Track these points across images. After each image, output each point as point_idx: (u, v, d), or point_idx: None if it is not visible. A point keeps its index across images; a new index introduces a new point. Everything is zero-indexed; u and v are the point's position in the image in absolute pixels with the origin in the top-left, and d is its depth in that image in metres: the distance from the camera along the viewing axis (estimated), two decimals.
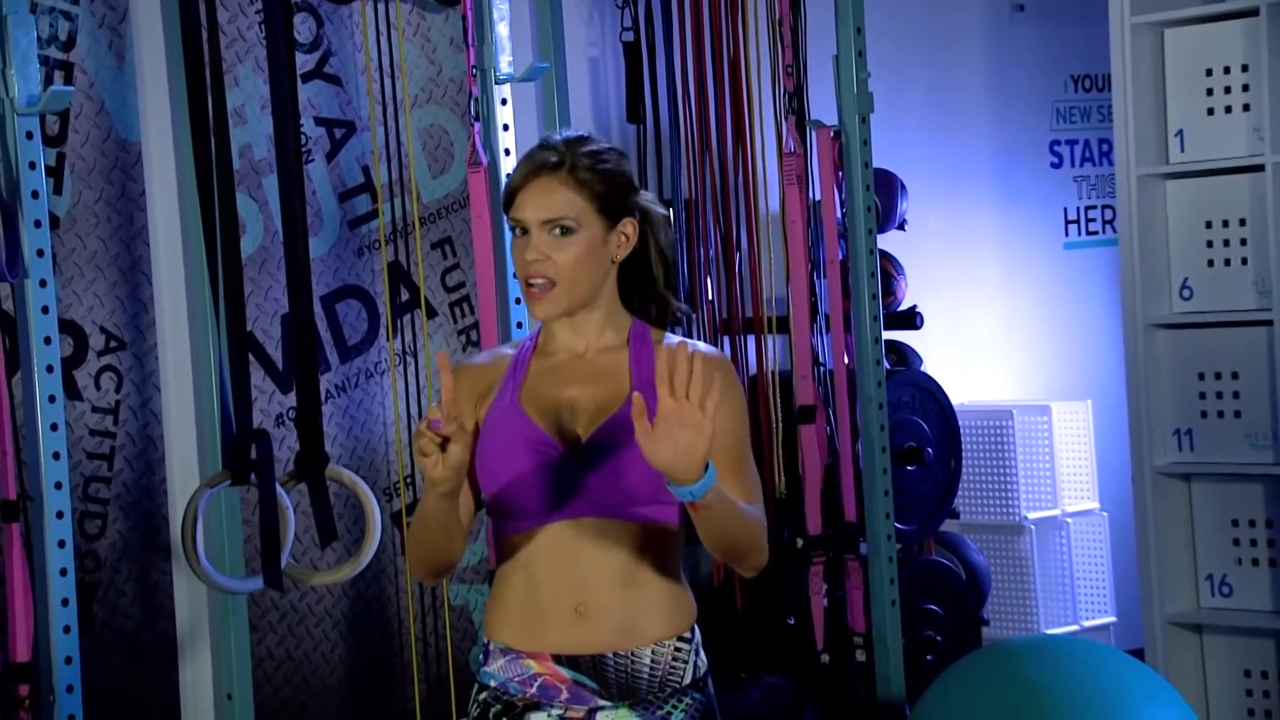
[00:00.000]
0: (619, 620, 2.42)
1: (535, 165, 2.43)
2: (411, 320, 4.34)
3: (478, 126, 3.97)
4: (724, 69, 4.62)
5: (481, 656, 2.49)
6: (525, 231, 2.42)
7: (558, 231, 2.41)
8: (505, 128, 4.04)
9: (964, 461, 4.99)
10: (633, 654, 2.43)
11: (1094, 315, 5.73)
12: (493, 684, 2.47)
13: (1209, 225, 4.58)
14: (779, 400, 4.61)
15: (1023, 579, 5.27)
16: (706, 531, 2.36)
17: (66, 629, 3.36)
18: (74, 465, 3.83)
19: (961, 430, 4.89)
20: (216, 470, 3.73)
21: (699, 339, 4.56)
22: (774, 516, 4.62)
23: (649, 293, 2.52)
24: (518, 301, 4.05)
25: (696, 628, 2.49)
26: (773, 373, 4.67)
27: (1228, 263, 4.54)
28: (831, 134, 4.40)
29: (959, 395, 5.23)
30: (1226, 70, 4.52)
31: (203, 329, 3.83)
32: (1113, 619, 5.36)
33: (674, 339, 2.51)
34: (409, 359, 4.31)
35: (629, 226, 2.46)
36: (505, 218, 2.48)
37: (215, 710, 3.96)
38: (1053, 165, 5.79)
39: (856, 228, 4.40)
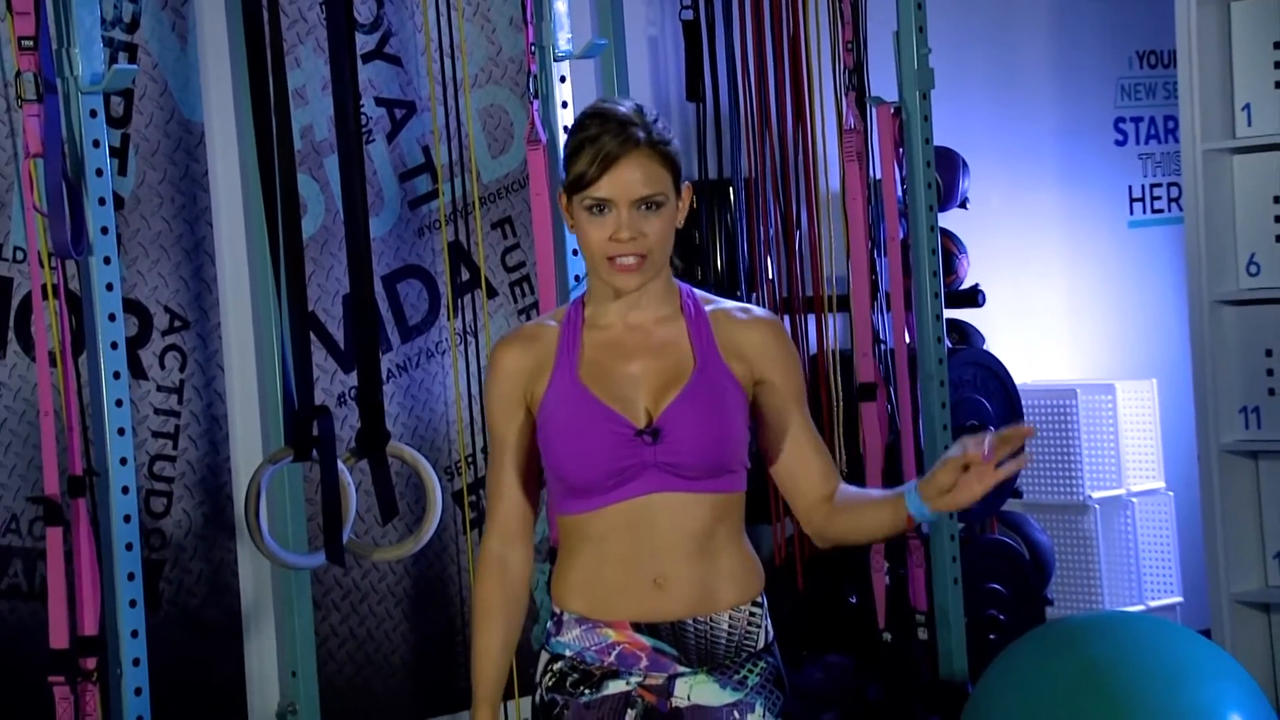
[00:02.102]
0: (696, 589, 2.44)
1: (621, 142, 2.38)
2: (472, 300, 4.35)
3: (536, 104, 3.97)
4: (784, 46, 4.61)
5: (553, 626, 2.49)
6: (602, 209, 2.39)
7: (647, 207, 2.40)
8: (564, 105, 4.04)
9: (1028, 441, 4.94)
10: (711, 619, 2.45)
11: (1159, 294, 5.67)
12: (568, 653, 2.47)
13: (1276, 200, 4.53)
14: (840, 379, 4.59)
15: (1087, 559, 5.23)
16: (880, 532, 2.49)
17: (132, 603, 3.40)
18: (139, 444, 3.86)
19: (1025, 409, 4.86)
20: (280, 448, 3.76)
21: None
22: None
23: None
24: (577, 279, 4.05)
25: (765, 594, 2.50)
26: (833, 351, 4.66)
27: None
28: (892, 110, 4.38)
29: (1022, 375, 5.20)
30: None
31: (265, 308, 3.86)
32: (1179, 599, 5.32)
33: (724, 303, 2.51)
34: (469, 339, 4.32)
35: (687, 193, 2.47)
36: (572, 197, 2.42)
37: (280, 687, 4.00)
38: (1117, 143, 5.74)
39: (917, 205, 4.38)
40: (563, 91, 4.05)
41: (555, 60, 4.02)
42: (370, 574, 4.21)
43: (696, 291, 2.52)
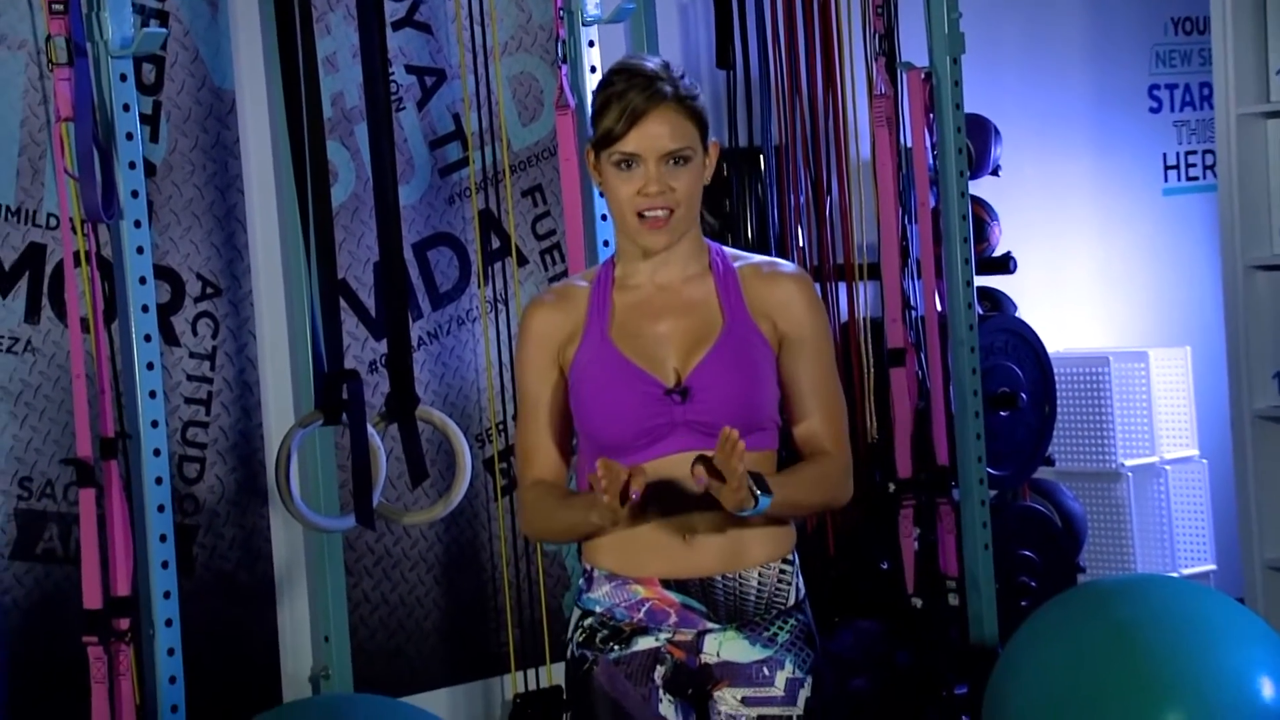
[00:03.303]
0: (726, 545, 2.45)
1: (648, 96, 2.40)
2: (503, 268, 4.36)
3: (565, 69, 3.98)
4: (814, 12, 4.60)
5: (584, 583, 2.51)
6: (630, 164, 2.41)
7: (675, 162, 2.41)
8: (593, 70, 4.04)
9: (1060, 408, 4.94)
10: (740, 576, 2.46)
11: (1194, 261, 5.64)
12: (598, 609, 2.49)
13: None
14: (870, 346, 4.59)
15: (1120, 526, 5.22)
16: (788, 515, 2.46)
17: (165, 564, 3.43)
18: (172, 410, 3.89)
19: (1058, 377, 4.85)
20: (310, 411, 3.78)
21: None
22: (866, 460, 4.61)
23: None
24: (605, 244, 4.06)
25: (796, 551, 2.51)
26: (864, 319, 4.66)
27: None
28: (922, 76, 4.36)
29: (1055, 342, 5.18)
30: None
31: (297, 275, 3.88)
32: (1213, 567, 5.30)
33: (753, 258, 2.52)
34: (500, 306, 4.33)
35: (714, 149, 2.48)
36: (599, 153, 2.42)
37: (313, 651, 4.03)
38: (1152, 110, 5.71)
39: (948, 170, 4.37)
40: (591, 56, 4.05)
41: (584, 25, 4.02)
42: (402, 540, 4.23)
43: (725, 249, 2.53)
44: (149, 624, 3.44)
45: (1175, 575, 5.19)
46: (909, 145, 4.42)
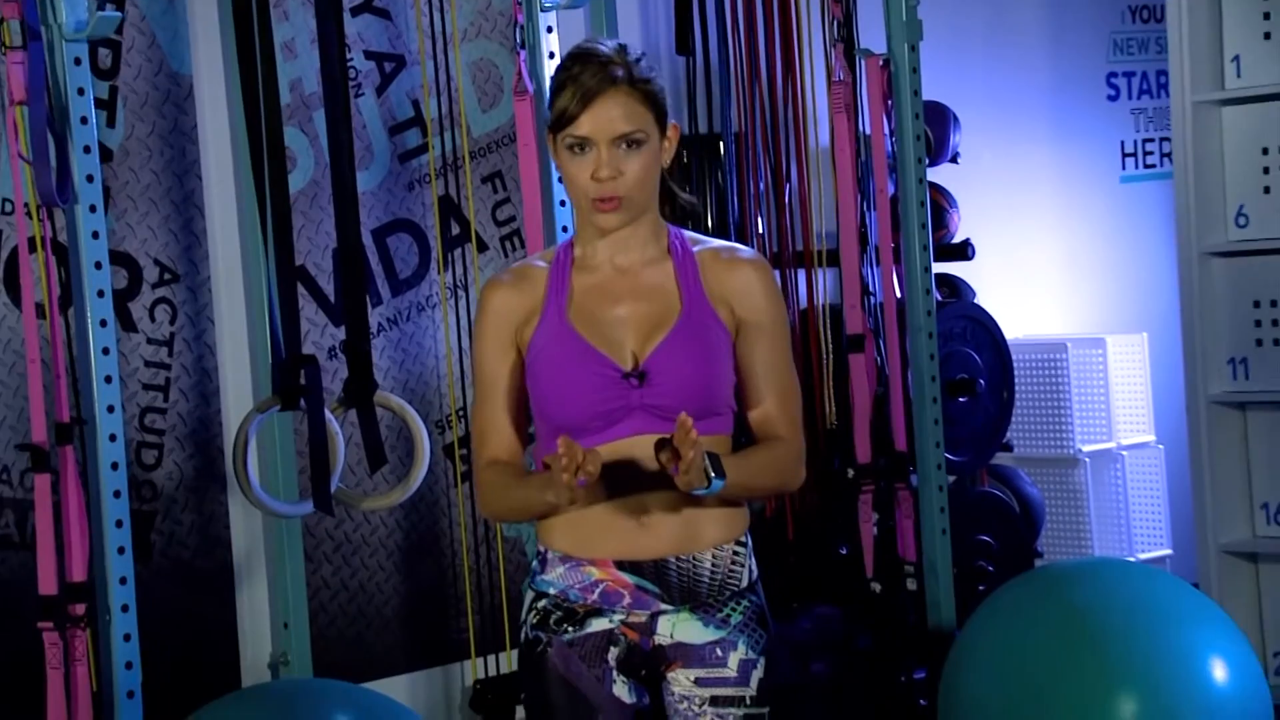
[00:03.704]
0: (680, 528, 2.46)
1: (600, 80, 2.41)
2: (463, 254, 4.36)
3: (523, 55, 3.98)
4: None
5: (538, 564, 2.51)
6: (583, 148, 2.42)
7: (628, 145, 2.41)
8: (551, 55, 4.04)
9: (1018, 395, 4.97)
10: (694, 558, 2.47)
11: (1151, 248, 5.68)
12: (552, 591, 2.49)
13: (1265, 151, 4.53)
14: (829, 333, 4.61)
15: (1077, 512, 5.25)
16: (739, 498, 2.46)
17: (121, 550, 3.42)
18: (129, 396, 3.88)
19: (1016, 364, 4.88)
20: (267, 397, 3.78)
21: None
22: (825, 446, 4.63)
23: (663, 190, 2.53)
24: (565, 230, 4.06)
25: (749, 533, 2.52)
26: (823, 306, 4.67)
27: None
28: (880, 63, 4.38)
29: (1014, 329, 5.21)
30: None
31: (255, 261, 3.88)
32: (1169, 551, 5.34)
33: (713, 242, 2.52)
34: (460, 292, 4.33)
35: (673, 131, 2.49)
36: (556, 136, 2.43)
37: (272, 638, 4.02)
38: (1109, 98, 5.74)
39: (906, 157, 4.38)
40: (550, 42, 4.05)
41: (542, 10, 4.02)
42: (362, 526, 4.23)
43: (685, 232, 2.53)
44: (105, 610, 3.43)
45: (1132, 560, 5.23)
46: (868, 132, 4.44)
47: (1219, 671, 3.52)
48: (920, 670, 4.32)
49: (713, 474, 2.35)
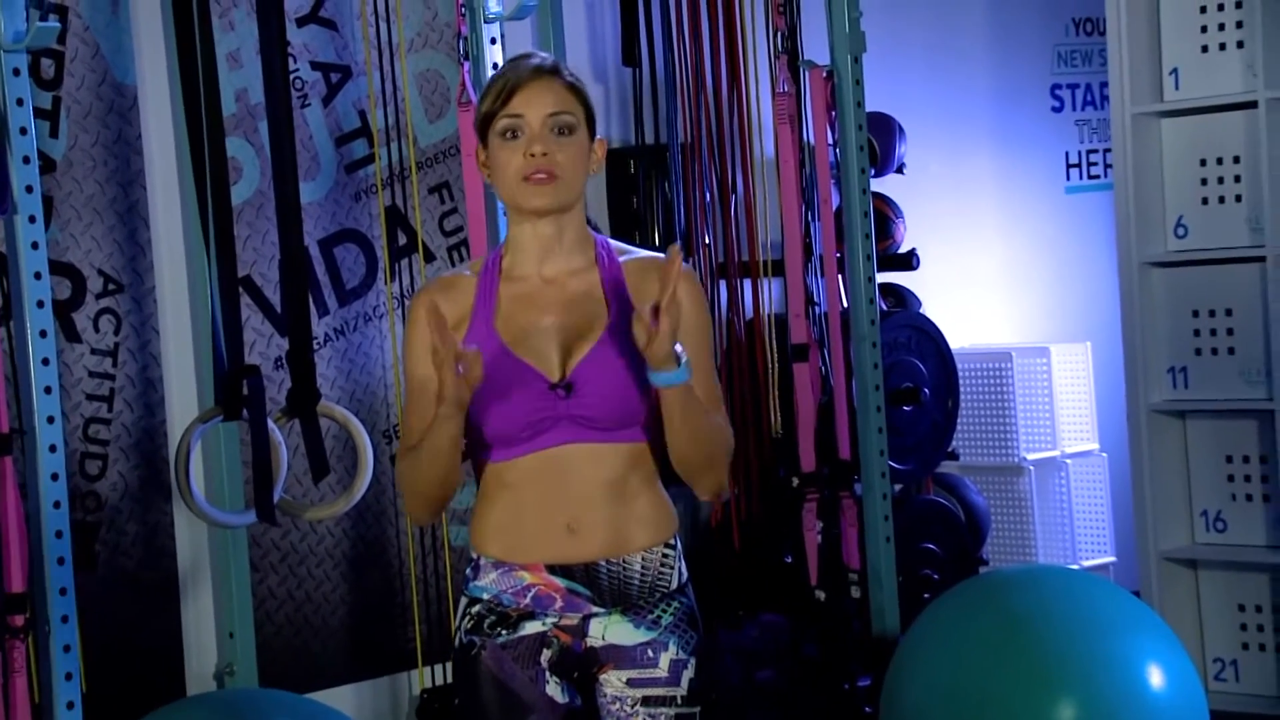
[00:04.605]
0: (609, 533, 2.48)
1: (533, 68, 2.46)
2: (410, 264, 4.37)
3: (467, 66, 3.99)
4: (718, 10, 4.64)
5: (471, 571, 2.53)
6: (515, 133, 2.44)
7: (559, 131, 2.44)
8: (495, 67, 4.06)
9: (963, 404, 5.01)
10: (624, 561, 2.49)
11: (1095, 258, 5.73)
12: (485, 596, 2.51)
13: (1203, 163, 4.58)
14: (775, 343, 4.63)
15: (1022, 519, 5.29)
16: (681, 429, 2.44)
17: (60, 560, 3.42)
18: (73, 407, 3.88)
19: (961, 373, 4.91)
20: (210, 407, 3.78)
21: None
22: (770, 455, 4.65)
23: None
24: None
25: (678, 537, 2.54)
26: (769, 315, 4.70)
27: (1222, 200, 4.54)
28: (824, 74, 4.41)
29: (959, 338, 5.25)
30: (1220, 7, 4.52)
31: (200, 271, 3.88)
32: (1113, 559, 5.39)
33: (638, 252, 2.55)
34: (407, 303, 4.34)
35: (600, 148, 2.52)
36: (487, 132, 2.45)
37: (218, 648, 4.02)
38: (1054, 109, 5.79)
39: (849, 167, 4.42)
40: (494, 54, 4.07)
41: (486, 22, 4.03)
42: (309, 536, 4.23)
43: (611, 241, 2.56)
44: (45, 621, 3.43)
45: (1074, 567, 5.27)
46: (813, 143, 4.47)
47: (1155, 678, 3.56)
48: (865, 678, 4.35)
49: (683, 357, 2.37)
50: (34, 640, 3.42)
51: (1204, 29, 4.55)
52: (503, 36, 4.10)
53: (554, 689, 2.49)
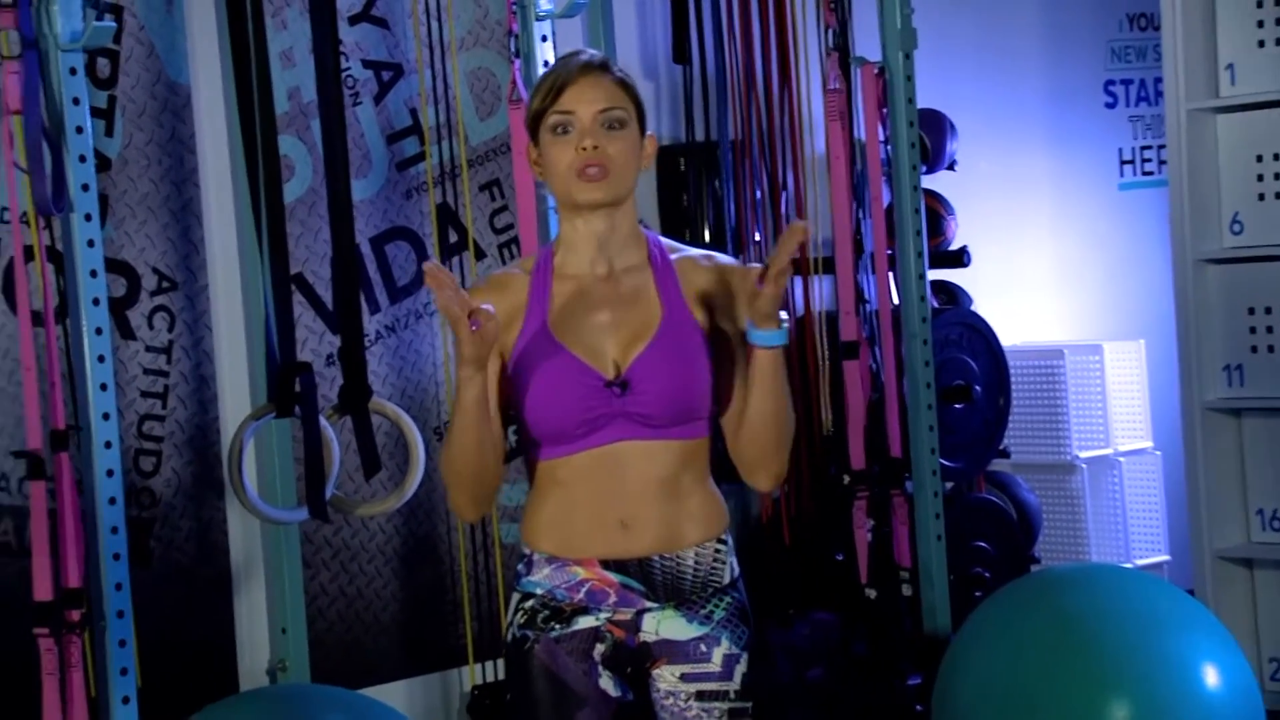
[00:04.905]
0: (662, 529, 2.49)
1: (582, 64, 2.47)
2: (461, 262, 4.38)
3: (518, 63, 4.00)
4: (768, 7, 4.63)
5: (523, 566, 2.54)
6: (566, 129, 2.44)
7: (610, 125, 2.45)
8: (546, 65, 4.07)
9: (1016, 401, 4.98)
10: (677, 556, 2.50)
11: (1149, 255, 5.69)
12: (539, 591, 2.52)
13: (1259, 159, 4.54)
14: (826, 340, 4.62)
15: (1075, 518, 5.26)
16: (767, 396, 2.44)
17: (116, 556, 3.44)
18: (128, 403, 3.91)
19: (1013, 370, 4.89)
20: (262, 404, 3.80)
21: None
22: (820, 453, 4.64)
23: None
24: None
25: (730, 532, 2.55)
26: (819, 313, 4.69)
27: (1278, 196, 4.50)
28: (875, 70, 4.40)
29: (1011, 336, 5.22)
30: (1277, 2, 4.48)
31: (253, 268, 3.90)
32: (1166, 558, 5.35)
33: (690, 250, 2.55)
34: None
35: (650, 145, 2.52)
36: (538, 129, 2.46)
37: (270, 644, 4.04)
38: (1107, 105, 5.75)
39: (900, 164, 4.40)
40: (545, 51, 4.07)
41: (537, 19, 4.04)
42: (360, 533, 4.25)
43: (663, 239, 2.56)
44: (101, 616, 3.45)
45: (1129, 566, 5.23)
46: (864, 140, 4.46)
47: (1211, 677, 3.53)
48: (916, 676, 4.34)
49: (785, 324, 2.39)
50: (90, 635, 3.45)
51: (1260, 24, 4.51)
52: (554, 34, 4.11)
53: (607, 683, 2.50)
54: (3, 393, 3.76)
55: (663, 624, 2.51)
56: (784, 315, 2.41)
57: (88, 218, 3.42)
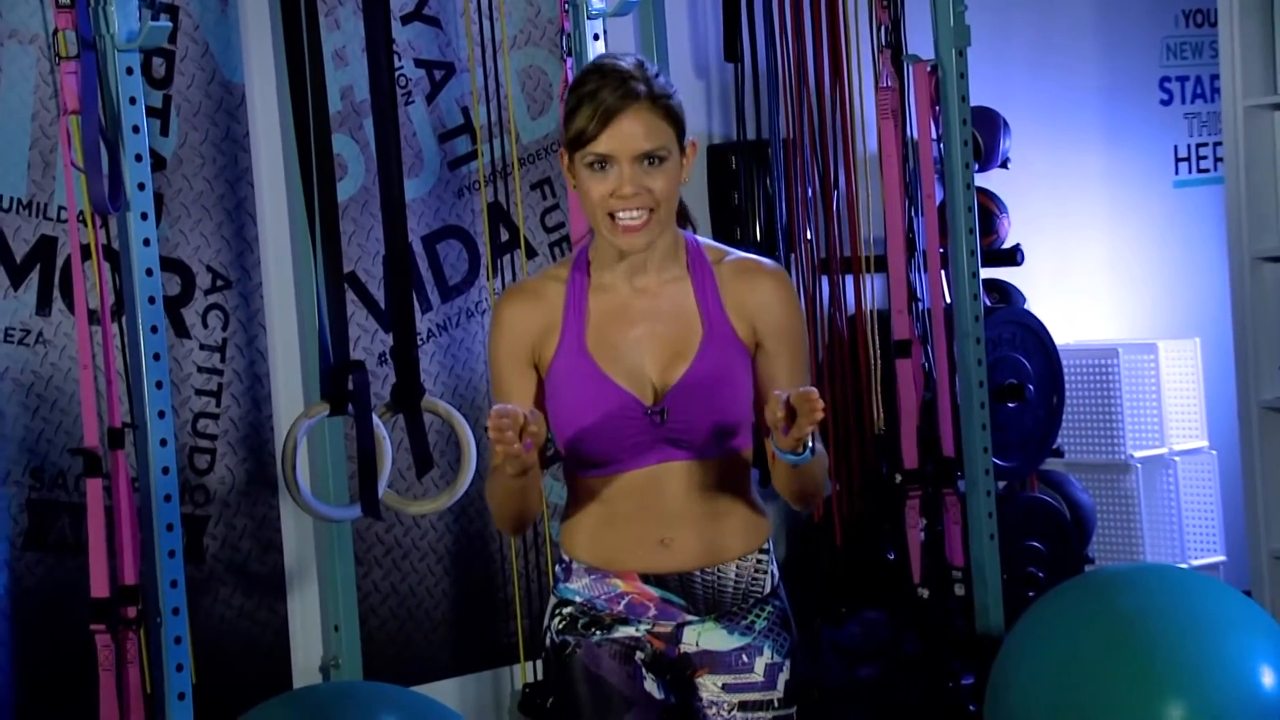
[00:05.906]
0: (703, 546, 2.47)
1: (620, 96, 2.35)
2: (512, 260, 4.39)
3: (570, 63, 4.01)
4: (820, 4, 4.61)
5: (561, 572, 2.51)
6: (603, 165, 2.36)
7: (650, 162, 2.37)
8: None
9: (1069, 400, 4.95)
10: (719, 570, 2.48)
11: (1205, 253, 5.64)
12: (578, 599, 2.50)
13: None
14: (878, 339, 4.61)
15: (1129, 517, 5.22)
16: (789, 487, 2.42)
17: (172, 553, 3.47)
18: (182, 401, 3.93)
19: (1067, 369, 4.86)
20: (316, 402, 3.82)
21: (796, 279, 4.57)
22: (872, 451, 4.62)
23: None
24: None
25: (770, 540, 2.53)
26: (871, 311, 4.67)
27: None
28: (928, 68, 4.38)
29: (1065, 334, 5.19)
30: None
31: (306, 267, 3.92)
32: (1222, 558, 5.30)
33: (734, 254, 2.49)
34: None
35: (691, 152, 2.45)
36: (573, 154, 2.38)
37: (323, 641, 4.06)
38: (1162, 102, 5.71)
39: (953, 162, 4.38)
40: (597, 50, 4.08)
41: (589, 18, 4.04)
42: (412, 531, 4.26)
43: (703, 241, 2.50)
44: (156, 612, 3.48)
45: (1184, 566, 5.19)
46: (916, 138, 4.44)
47: (1267, 679, 3.50)
48: (968, 675, 4.32)
49: (811, 444, 2.33)
50: (145, 632, 3.48)
51: None
52: (605, 33, 4.11)
53: (651, 685, 2.48)
54: (59, 391, 3.80)
55: (703, 636, 2.49)
56: (810, 442, 2.31)
57: (144, 216, 3.45)
